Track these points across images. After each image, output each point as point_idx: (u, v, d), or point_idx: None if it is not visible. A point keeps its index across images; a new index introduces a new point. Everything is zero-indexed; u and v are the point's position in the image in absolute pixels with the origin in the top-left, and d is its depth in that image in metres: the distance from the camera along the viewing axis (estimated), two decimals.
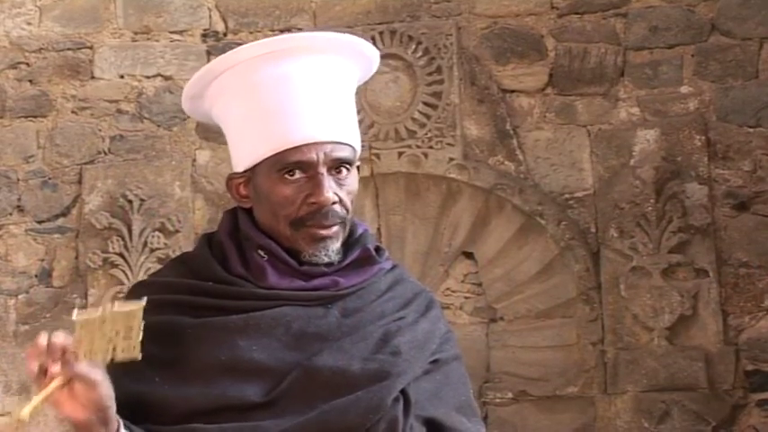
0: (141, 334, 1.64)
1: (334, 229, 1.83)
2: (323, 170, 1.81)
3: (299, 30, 4.83)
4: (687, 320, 4.56)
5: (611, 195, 4.68)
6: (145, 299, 1.64)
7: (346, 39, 1.90)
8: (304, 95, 1.82)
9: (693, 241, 4.59)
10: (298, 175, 1.81)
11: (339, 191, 1.83)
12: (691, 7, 4.79)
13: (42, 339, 1.61)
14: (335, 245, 1.84)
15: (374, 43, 4.13)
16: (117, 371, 1.69)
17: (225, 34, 5.01)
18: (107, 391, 1.65)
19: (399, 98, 4.87)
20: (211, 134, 4.83)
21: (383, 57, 1.99)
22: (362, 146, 1.95)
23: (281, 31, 4.88)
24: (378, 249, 1.93)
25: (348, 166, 1.84)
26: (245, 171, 1.86)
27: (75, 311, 1.62)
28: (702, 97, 4.74)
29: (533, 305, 4.79)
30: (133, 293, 1.91)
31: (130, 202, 4.82)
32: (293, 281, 1.84)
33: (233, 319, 1.80)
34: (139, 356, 1.65)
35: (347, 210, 1.85)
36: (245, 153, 1.86)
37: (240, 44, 1.87)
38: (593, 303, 4.65)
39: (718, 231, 4.63)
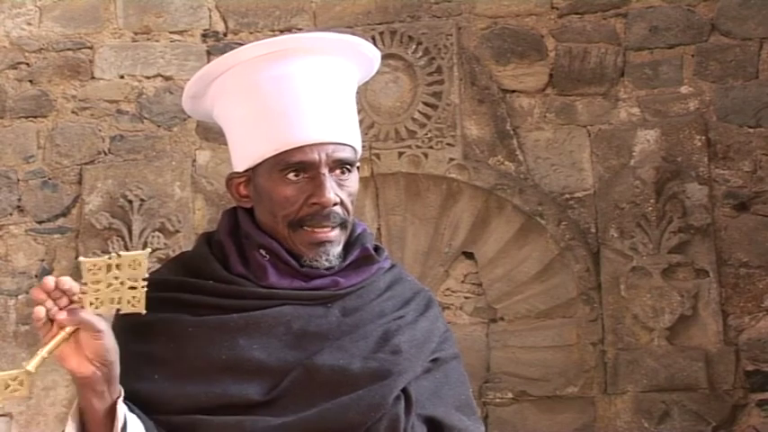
0: (146, 286, 1.65)
1: (335, 232, 1.83)
2: (324, 171, 1.81)
3: (299, 30, 4.84)
4: (687, 320, 4.56)
5: (611, 195, 4.68)
6: (149, 249, 1.65)
7: (348, 39, 1.90)
8: (306, 96, 1.83)
9: (693, 241, 4.59)
10: (299, 175, 1.81)
11: (340, 192, 1.83)
12: (691, 7, 4.79)
13: (50, 281, 1.62)
14: (336, 249, 1.84)
15: (374, 43, 4.14)
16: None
17: (225, 34, 5.02)
18: (111, 342, 1.66)
19: (399, 98, 4.87)
20: (211, 134, 4.83)
21: (383, 57, 1.99)
22: (362, 146, 1.95)
23: (282, 32, 4.89)
24: (377, 249, 1.93)
25: (349, 167, 1.84)
26: (245, 171, 1.86)
27: (82, 257, 1.63)
28: (702, 97, 4.75)
29: (533, 305, 4.79)
30: None
31: (130, 202, 4.82)
32: (293, 281, 1.84)
33: (233, 318, 1.80)
34: (144, 311, 1.66)
35: (348, 212, 1.85)
36: (246, 153, 1.86)
37: (240, 44, 1.87)
38: (593, 303, 4.65)
39: (719, 231, 4.63)
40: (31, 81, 5.01)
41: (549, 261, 4.76)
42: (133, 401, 1.73)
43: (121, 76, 5.01)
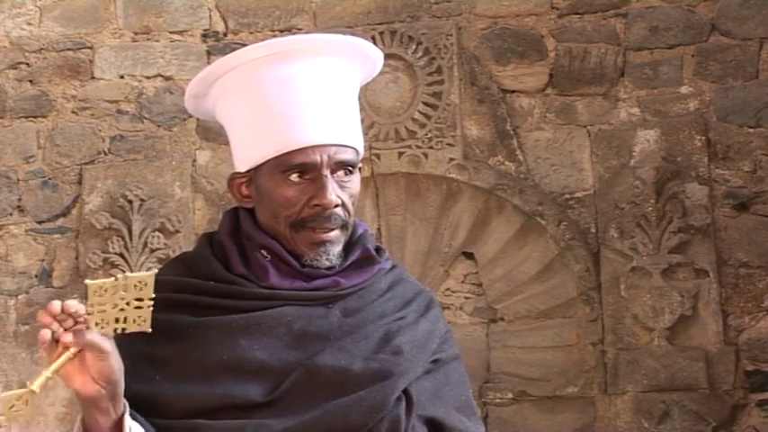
0: (152, 305, 1.64)
1: (335, 233, 1.83)
2: (326, 172, 1.81)
3: (300, 30, 4.84)
4: (687, 320, 4.56)
5: (611, 195, 4.68)
6: (154, 270, 1.64)
7: (350, 40, 1.90)
8: (308, 97, 1.83)
9: (693, 241, 4.59)
10: (301, 176, 1.81)
11: (341, 194, 1.83)
12: (691, 7, 4.79)
13: (56, 305, 1.62)
14: (336, 249, 1.84)
15: (374, 43, 4.14)
16: None
17: (225, 34, 5.02)
18: (117, 362, 1.66)
19: (399, 98, 4.87)
20: (211, 134, 4.83)
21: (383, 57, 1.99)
22: (363, 146, 1.95)
23: (282, 32, 4.89)
24: (378, 249, 1.93)
25: (351, 168, 1.85)
26: (247, 171, 1.86)
27: (88, 280, 1.63)
28: (702, 97, 4.75)
29: (533, 305, 4.79)
30: None
31: (130, 202, 4.82)
32: (294, 281, 1.84)
33: (235, 319, 1.80)
34: (150, 329, 1.66)
35: (349, 213, 1.85)
36: (248, 153, 1.86)
37: (240, 44, 1.88)
38: (593, 303, 4.65)
39: (719, 231, 4.63)
40: (31, 81, 5.01)
41: (549, 261, 4.76)
42: (134, 403, 1.72)
43: (121, 76, 5.01)
